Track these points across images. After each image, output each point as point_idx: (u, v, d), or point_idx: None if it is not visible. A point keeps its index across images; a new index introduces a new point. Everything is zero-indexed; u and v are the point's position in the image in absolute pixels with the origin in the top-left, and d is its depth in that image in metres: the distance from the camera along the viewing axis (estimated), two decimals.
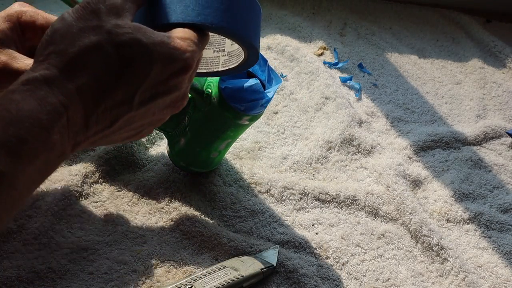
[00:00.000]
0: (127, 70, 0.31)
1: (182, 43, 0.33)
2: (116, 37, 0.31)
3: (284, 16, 0.91)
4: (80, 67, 0.30)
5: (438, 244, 0.57)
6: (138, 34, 0.31)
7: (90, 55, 0.30)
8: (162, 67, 0.32)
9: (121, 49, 0.31)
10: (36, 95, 0.28)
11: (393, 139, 0.72)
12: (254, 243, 0.54)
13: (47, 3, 0.85)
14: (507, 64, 0.90)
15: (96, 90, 0.30)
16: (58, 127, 0.29)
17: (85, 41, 0.30)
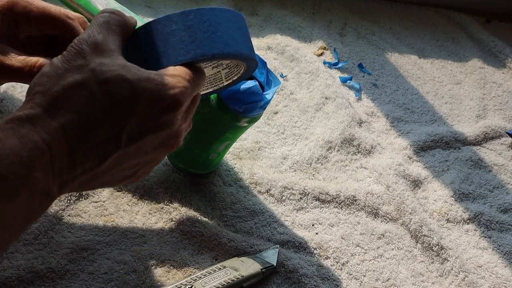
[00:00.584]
0: (112, 107, 0.31)
1: (170, 80, 0.33)
2: (100, 74, 0.31)
3: (284, 16, 0.91)
4: (64, 105, 0.30)
5: (438, 244, 0.57)
6: (122, 71, 0.31)
7: (74, 93, 0.30)
8: (148, 104, 0.32)
9: (105, 86, 0.30)
10: (19, 133, 0.28)
11: (393, 139, 0.72)
12: (254, 243, 0.54)
13: None
14: (507, 64, 0.90)
15: (81, 128, 0.30)
16: (41, 165, 0.28)
17: (69, 80, 0.30)
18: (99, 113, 0.30)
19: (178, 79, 0.33)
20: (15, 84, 0.67)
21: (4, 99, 0.65)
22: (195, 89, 0.35)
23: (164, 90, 0.32)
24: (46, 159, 0.29)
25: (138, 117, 0.32)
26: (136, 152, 0.33)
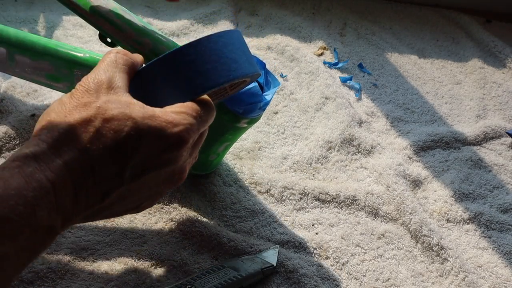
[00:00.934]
0: (116, 144, 0.31)
1: (175, 117, 0.33)
2: (105, 112, 0.31)
3: (284, 16, 0.91)
4: (69, 142, 0.30)
5: (438, 244, 0.57)
6: (127, 109, 0.31)
7: (79, 130, 0.30)
8: (152, 142, 0.32)
9: (109, 123, 0.31)
10: (24, 172, 0.28)
11: (393, 139, 0.72)
12: (254, 243, 0.54)
13: (47, 3, 0.85)
14: (507, 64, 0.90)
15: (85, 165, 0.30)
16: (45, 203, 0.28)
17: (76, 117, 0.31)
18: (103, 151, 0.31)
19: (183, 116, 0.33)
20: (15, 84, 0.67)
21: (4, 99, 0.65)
22: (203, 124, 0.35)
23: (168, 128, 0.32)
24: (51, 198, 0.29)
25: (141, 155, 0.32)
26: (139, 188, 0.33)
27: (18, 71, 0.55)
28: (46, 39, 0.55)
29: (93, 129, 0.31)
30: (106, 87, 0.33)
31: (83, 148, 0.30)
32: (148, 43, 0.51)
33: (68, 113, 0.31)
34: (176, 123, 0.33)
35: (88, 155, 0.30)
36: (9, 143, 0.60)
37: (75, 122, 0.31)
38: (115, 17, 0.51)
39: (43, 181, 0.28)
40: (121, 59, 0.35)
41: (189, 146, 0.34)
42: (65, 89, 0.56)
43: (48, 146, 0.30)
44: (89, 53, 0.55)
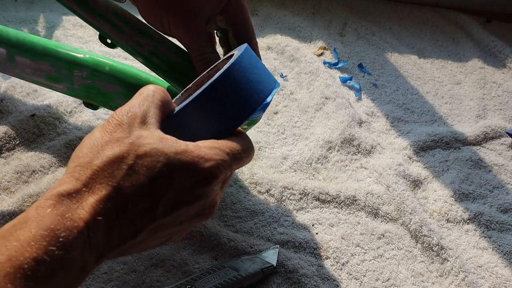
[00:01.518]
0: (149, 180, 0.31)
1: (207, 152, 0.33)
2: (138, 148, 0.31)
3: (284, 16, 0.91)
4: (102, 180, 0.30)
5: (438, 244, 0.57)
6: (159, 144, 0.31)
7: (112, 167, 0.30)
8: (184, 177, 0.32)
9: (142, 159, 0.31)
10: (57, 210, 0.28)
11: (393, 139, 0.72)
12: (254, 243, 0.54)
13: (47, 3, 0.85)
14: (507, 64, 0.90)
15: (118, 202, 0.30)
16: (78, 243, 0.28)
17: (108, 153, 0.31)
18: (136, 187, 0.30)
19: (216, 151, 0.33)
20: (15, 84, 0.68)
21: (4, 99, 0.65)
22: (237, 162, 0.35)
23: (200, 163, 0.32)
24: (84, 237, 0.29)
25: (174, 190, 0.32)
26: (171, 222, 0.33)
27: (18, 71, 0.55)
28: (46, 40, 0.55)
29: (126, 166, 0.31)
30: (139, 121, 0.33)
31: (116, 186, 0.30)
32: (147, 44, 0.51)
33: (101, 149, 0.31)
34: (208, 158, 0.33)
35: (121, 192, 0.30)
36: (9, 143, 0.60)
37: (108, 159, 0.31)
38: (115, 18, 0.51)
39: (76, 220, 0.28)
40: (158, 95, 0.35)
41: (220, 181, 0.34)
42: (65, 89, 0.56)
43: (81, 184, 0.30)
44: (89, 54, 0.55)
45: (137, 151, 0.31)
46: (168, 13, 0.45)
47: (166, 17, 0.45)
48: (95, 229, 0.29)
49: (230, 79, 0.35)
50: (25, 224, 0.28)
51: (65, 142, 0.61)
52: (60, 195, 0.29)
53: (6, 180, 0.57)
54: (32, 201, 0.54)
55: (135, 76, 0.55)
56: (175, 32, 0.47)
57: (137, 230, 0.31)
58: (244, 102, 0.36)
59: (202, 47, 0.47)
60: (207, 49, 0.47)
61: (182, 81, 0.52)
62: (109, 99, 0.55)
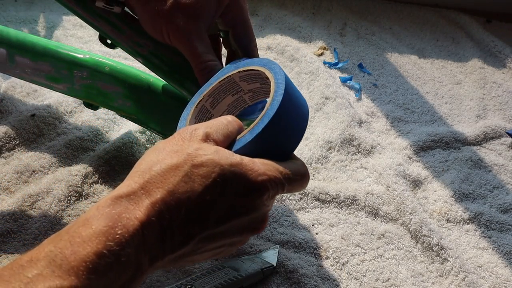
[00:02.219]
0: (202, 188, 0.32)
1: (261, 166, 0.35)
2: (194, 158, 0.33)
3: (284, 16, 0.91)
4: (158, 184, 0.32)
5: (438, 244, 0.57)
6: (215, 156, 0.33)
7: (169, 174, 0.32)
8: (237, 187, 0.34)
9: (197, 168, 0.33)
10: (115, 210, 0.30)
11: (393, 139, 0.72)
12: (254, 243, 0.54)
13: (47, 3, 0.85)
14: (507, 64, 0.90)
15: (172, 206, 0.32)
16: (133, 241, 0.30)
17: (167, 161, 0.33)
18: (190, 194, 0.32)
19: (269, 167, 0.35)
20: (15, 85, 0.68)
21: (4, 99, 0.65)
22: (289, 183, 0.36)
23: (253, 175, 0.34)
24: (139, 236, 0.30)
25: (226, 200, 0.33)
26: (222, 233, 0.34)
27: (18, 72, 0.55)
28: (46, 40, 0.55)
29: (182, 174, 0.32)
30: (200, 138, 0.35)
31: (171, 191, 0.32)
32: (148, 44, 0.51)
33: (161, 159, 0.33)
34: (261, 172, 0.34)
35: (175, 197, 0.32)
36: (9, 143, 0.60)
37: (166, 166, 0.33)
38: (114, 19, 0.51)
39: (132, 219, 0.30)
40: (231, 126, 0.37)
41: (272, 196, 0.36)
42: (65, 90, 0.56)
43: (139, 186, 0.32)
44: (89, 54, 0.55)
45: (193, 161, 0.33)
46: (167, 23, 0.45)
47: (165, 27, 0.45)
48: (149, 229, 0.31)
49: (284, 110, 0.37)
50: (87, 222, 0.30)
51: (65, 142, 0.61)
52: (118, 197, 0.31)
53: (6, 180, 0.57)
54: (32, 201, 0.54)
55: (135, 76, 0.55)
56: (175, 42, 0.46)
57: (189, 236, 0.33)
58: (296, 129, 0.38)
59: (201, 56, 0.46)
60: (207, 58, 0.47)
61: (181, 81, 0.52)
62: (109, 99, 0.55)
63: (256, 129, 0.36)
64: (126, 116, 0.57)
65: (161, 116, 0.56)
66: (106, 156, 0.60)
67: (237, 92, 0.45)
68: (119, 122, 0.67)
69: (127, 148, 0.61)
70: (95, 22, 0.51)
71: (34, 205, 0.54)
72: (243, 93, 0.45)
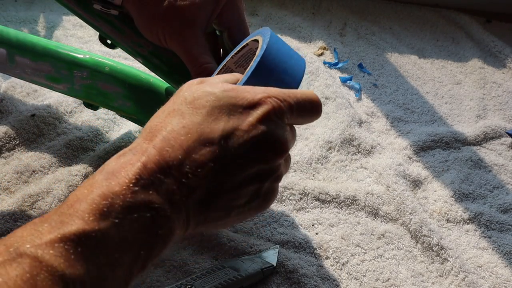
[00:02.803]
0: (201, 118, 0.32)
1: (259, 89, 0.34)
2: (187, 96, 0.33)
3: (284, 16, 0.91)
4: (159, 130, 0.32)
5: (438, 244, 0.57)
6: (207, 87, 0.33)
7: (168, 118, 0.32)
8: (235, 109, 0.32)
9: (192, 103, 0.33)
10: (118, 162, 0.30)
11: (393, 139, 0.72)
12: (254, 243, 0.54)
13: (47, 3, 0.85)
14: (507, 64, 0.90)
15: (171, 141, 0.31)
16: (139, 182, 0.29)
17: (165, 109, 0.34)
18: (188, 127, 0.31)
19: (269, 89, 0.34)
20: (15, 84, 0.68)
21: (4, 99, 0.65)
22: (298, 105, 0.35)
23: (250, 94, 0.33)
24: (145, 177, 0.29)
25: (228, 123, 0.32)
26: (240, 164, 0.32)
27: (18, 72, 0.55)
28: (46, 40, 0.55)
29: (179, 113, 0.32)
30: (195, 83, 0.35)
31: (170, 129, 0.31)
32: (147, 44, 0.51)
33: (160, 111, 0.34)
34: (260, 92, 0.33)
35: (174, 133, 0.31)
36: (9, 143, 0.60)
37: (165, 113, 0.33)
38: (114, 19, 0.51)
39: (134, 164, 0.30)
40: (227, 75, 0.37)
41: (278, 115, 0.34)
42: (65, 90, 0.56)
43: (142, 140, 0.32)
44: (89, 54, 0.55)
45: (187, 99, 0.33)
46: (164, 27, 0.45)
47: (161, 30, 0.45)
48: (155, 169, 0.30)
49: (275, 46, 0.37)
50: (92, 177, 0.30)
51: (65, 142, 0.61)
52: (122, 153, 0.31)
53: (6, 180, 0.57)
54: (32, 201, 0.54)
55: (135, 76, 0.55)
56: (171, 45, 0.46)
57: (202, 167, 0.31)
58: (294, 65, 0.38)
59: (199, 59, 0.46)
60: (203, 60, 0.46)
61: (181, 81, 0.52)
62: (109, 99, 0.55)
63: (248, 72, 0.36)
64: (126, 116, 0.57)
65: None
66: (106, 156, 0.60)
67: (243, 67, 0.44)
68: (119, 122, 0.67)
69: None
70: (95, 22, 0.51)
71: (34, 205, 0.54)
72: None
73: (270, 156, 0.33)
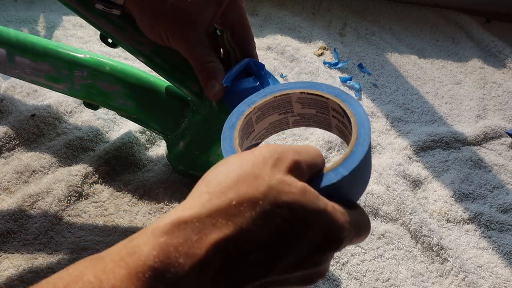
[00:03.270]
0: (280, 233, 0.28)
1: (341, 218, 0.30)
2: (277, 194, 0.28)
3: (284, 16, 0.91)
4: (230, 217, 0.27)
5: (438, 244, 0.57)
6: (302, 198, 0.28)
7: (245, 206, 0.27)
8: (316, 238, 0.29)
9: (279, 208, 0.27)
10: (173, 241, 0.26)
11: (393, 139, 0.72)
12: None
13: (47, 3, 0.85)
14: (507, 64, 0.90)
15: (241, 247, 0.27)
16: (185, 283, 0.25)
17: (244, 189, 0.27)
18: (265, 237, 0.27)
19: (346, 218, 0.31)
20: (15, 84, 0.68)
21: (4, 99, 0.65)
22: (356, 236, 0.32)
23: (334, 227, 0.29)
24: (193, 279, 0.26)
25: (298, 249, 0.29)
26: (280, 282, 0.30)
27: (18, 72, 0.55)
28: (46, 40, 0.55)
29: (260, 211, 0.27)
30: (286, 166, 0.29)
31: (245, 229, 0.27)
32: (149, 43, 0.51)
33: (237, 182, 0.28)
34: (341, 225, 0.30)
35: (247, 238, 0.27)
36: (9, 143, 0.60)
37: (242, 196, 0.27)
38: (116, 17, 0.51)
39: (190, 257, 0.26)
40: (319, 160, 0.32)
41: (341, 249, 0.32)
42: (65, 90, 0.56)
43: (207, 213, 0.27)
44: (90, 54, 0.55)
45: (276, 198, 0.27)
46: (167, 27, 0.45)
47: (164, 30, 0.45)
48: (207, 271, 0.26)
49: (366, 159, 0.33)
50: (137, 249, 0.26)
51: (65, 142, 0.61)
52: (181, 222, 0.26)
53: (6, 180, 0.57)
54: (32, 201, 0.54)
55: (135, 76, 0.55)
56: (175, 44, 0.46)
57: (246, 281, 0.28)
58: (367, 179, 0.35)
59: (202, 58, 0.46)
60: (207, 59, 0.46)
61: (183, 80, 0.52)
62: (110, 99, 0.55)
63: (341, 170, 0.32)
64: (127, 116, 0.57)
65: (162, 115, 0.56)
66: (106, 156, 0.60)
67: (285, 113, 0.42)
68: (119, 122, 0.67)
69: (127, 148, 0.61)
70: (96, 21, 0.51)
71: (34, 205, 0.54)
72: (291, 115, 0.42)
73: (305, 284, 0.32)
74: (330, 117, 0.39)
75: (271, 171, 0.28)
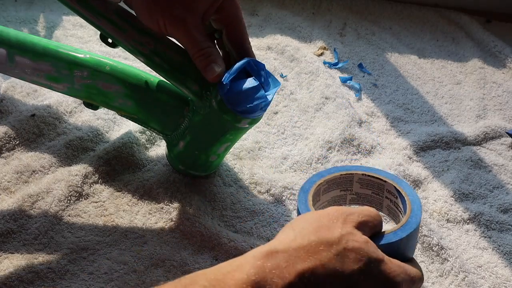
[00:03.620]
0: (350, 271, 0.33)
1: (397, 269, 0.36)
2: (347, 241, 0.34)
3: (284, 16, 0.91)
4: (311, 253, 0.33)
5: (438, 244, 0.57)
6: (365, 246, 0.34)
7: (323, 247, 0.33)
8: (376, 282, 0.35)
9: (348, 252, 0.34)
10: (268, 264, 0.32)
11: (393, 139, 0.72)
12: (254, 243, 0.54)
13: (47, 3, 0.85)
14: (507, 64, 0.90)
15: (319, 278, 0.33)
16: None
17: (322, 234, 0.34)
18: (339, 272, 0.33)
19: (403, 270, 0.36)
20: (15, 84, 0.68)
21: (4, 99, 0.65)
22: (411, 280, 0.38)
23: (391, 274, 0.35)
24: None
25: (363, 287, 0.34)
26: None
27: (18, 72, 0.55)
28: (46, 40, 0.55)
29: (335, 251, 0.34)
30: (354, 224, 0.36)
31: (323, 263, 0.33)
32: (149, 43, 0.51)
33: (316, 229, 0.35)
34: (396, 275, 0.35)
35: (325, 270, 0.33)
36: (9, 143, 0.60)
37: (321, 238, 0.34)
38: (116, 17, 0.51)
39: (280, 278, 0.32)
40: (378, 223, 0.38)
41: None
42: (65, 89, 0.56)
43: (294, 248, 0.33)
44: (90, 54, 0.55)
45: (346, 243, 0.34)
46: (164, 12, 0.46)
47: (162, 16, 0.46)
48: None
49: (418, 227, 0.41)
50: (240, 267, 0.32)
51: (65, 142, 0.61)
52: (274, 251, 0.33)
53: (6, 180, 0.57)
54: (32, 201, 0.54)
55: (135, 75, 0.56)
56: (172, 31, 0.47)
57: None
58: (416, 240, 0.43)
59: (200, 43, 0.47)
60: (204, 44, 0.47)
61: (183, 80, 0.52)
62: (110, 99, 0.55)
63: (399, 233, 0.39)
64: (127, 116, 0.57)
65: (162, 115, 0.56)
66: (106, 156, 0.60)
67: (346, 190, 0.47)
68: (119, 122, 0.67)
69: (127, 148, 0.61)
70: (96, 21, 0.51)
71: (34, 205, 0.54)
72: (349, 192, 0.47)
73: None
74: (384, 198, 0.47)
75: (342, 225, 0.35)
